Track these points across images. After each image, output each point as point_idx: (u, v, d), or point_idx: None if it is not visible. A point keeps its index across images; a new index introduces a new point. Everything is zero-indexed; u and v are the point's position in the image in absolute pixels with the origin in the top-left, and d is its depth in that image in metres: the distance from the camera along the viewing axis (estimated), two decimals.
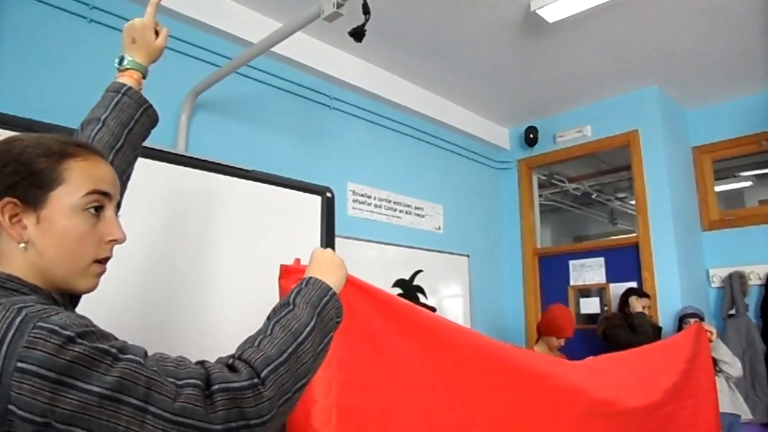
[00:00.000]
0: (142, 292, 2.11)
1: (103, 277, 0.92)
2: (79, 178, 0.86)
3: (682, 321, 3.54)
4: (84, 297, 0.96)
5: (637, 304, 3.57)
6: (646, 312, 3.56)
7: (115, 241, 0.91)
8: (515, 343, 3.65)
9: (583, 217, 6.80)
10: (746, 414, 3.29)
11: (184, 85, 2.75)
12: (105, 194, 0.89)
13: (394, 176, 3.97)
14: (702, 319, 3.47)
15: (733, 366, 3.17)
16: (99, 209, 0.88)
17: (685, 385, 2.23)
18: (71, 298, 0.93)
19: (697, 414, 2.26)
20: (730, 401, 3.20)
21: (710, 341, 2.60)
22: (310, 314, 0.92)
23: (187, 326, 2.15)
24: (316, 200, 2.86)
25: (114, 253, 0.94)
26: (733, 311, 4.03)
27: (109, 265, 0.93)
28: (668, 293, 3.92)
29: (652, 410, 1.96)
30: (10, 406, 0.63)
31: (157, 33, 1.31)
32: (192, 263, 2.25)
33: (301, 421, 1.03)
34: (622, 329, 3.49)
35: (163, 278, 2.15)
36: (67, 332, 0.66)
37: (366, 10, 2.08)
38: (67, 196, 0.84)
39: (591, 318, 4.32)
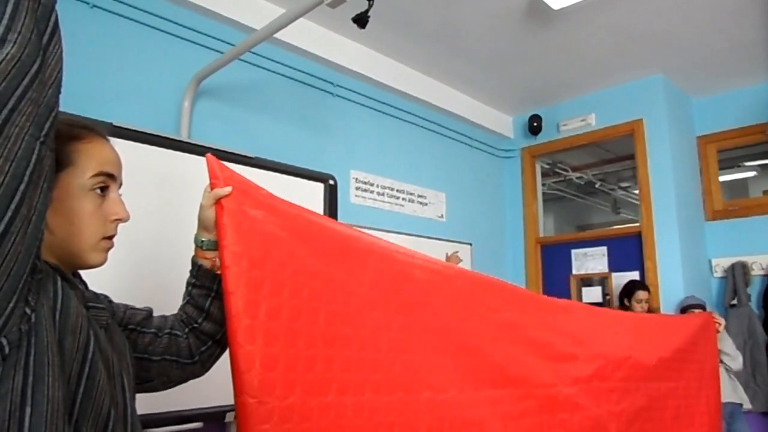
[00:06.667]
0: (145, 276, 2.12)
1: (108, 264, 0.94)
2: (85, 160, 0.89)
3: (684, 312, 3.54)
4: (94, 278, 0.98)
5: (636, 306, 3.54)
6: (645, 307, 3.53)
7: (120, 220, 0.94)
8: None
9: (586, 206, 6.79)
10: (746, 403, 3.32)
11: (186, 72, 2.74)
12: (110, 175, 0.92)
13: (397, 164, 3.96)
14: (704, 310, 3.47)
15: (735, 360, 3.18)
16: (104, 190, 0.91)
17: (686, 367, 2.24)
18: (74, 275, 0.94)
19: (700, 397, 2.27)
20: (732, 390, 3.22)
21: (717, 332, 2.61)
22: None
23: None
24: (319, 188, 2.86)
25: (120, 239, 0.96)
26: (735, 301, 4.04)
27: (113, 251, 0.95)
28: (671, 283, 3.92)
29: (645, 376, 1.97)
30: None
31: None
32: (193, 248, 2.25)
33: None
34: None
35: (166, 261, 2.16)
36: None
37: None
38: (75, 177, 0.87)
39: None
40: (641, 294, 3.54)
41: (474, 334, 1.45)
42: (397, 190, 3.92)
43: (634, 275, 4.06)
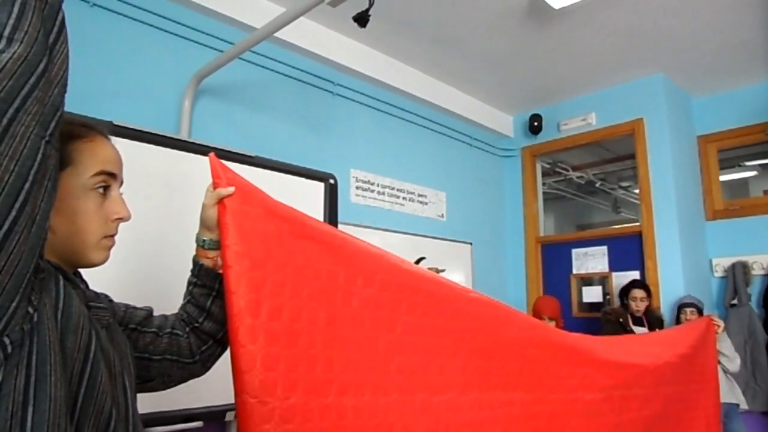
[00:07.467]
0: (146, 275, 2.12)
1: (110, 263, 0.94)
2: (86, 159, 0.88)
3: (679, 310, 3.56)
4: (96, 277, 0.98)
5: (632, 304, 3.58)
6: (640, 305, 3.55)
7: (121, 219, 0.93)
8: None
9: (586, 205, 6.79)
10: (743, 404, 3.33)
11: (186, 71, 2.74)
12: (111, 174, 0.92)
13: (398, 163, 3.96)
14: (700, 309, 3.48)
15: (732, 361, 3.19)
16: (105, 189, 0.91)
17: (690, 369, 2.26)
18: (75, 274, 0.94)
19: (699, 400, 2.28)
20: (729, 391, 3.22)
21: (716, 333, 2.63)
22: None
23: None
24: (319, 187, 2.85)
25: (121, 238, 0.96)
26: (735, 301, 4.03)
27: (114, 250, 0.95)
28: (671, 282, 3.92)
29: (650, 382, 1.97)
30: None
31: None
32: (194, 247, 2.25)
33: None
34: (610, 325, 3.51)
35: (167, 261, 2.16)
36: None
37: None
38: (76, 176, 0.87)
39: (593, 306, 4.33)
40: (635, 292, 3.58)
41: (493, 336, 1.44)
42: (398, 190, 3.92)
43: (635, 275, 4.06)
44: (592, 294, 4.41)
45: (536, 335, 1.58)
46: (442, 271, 3.32)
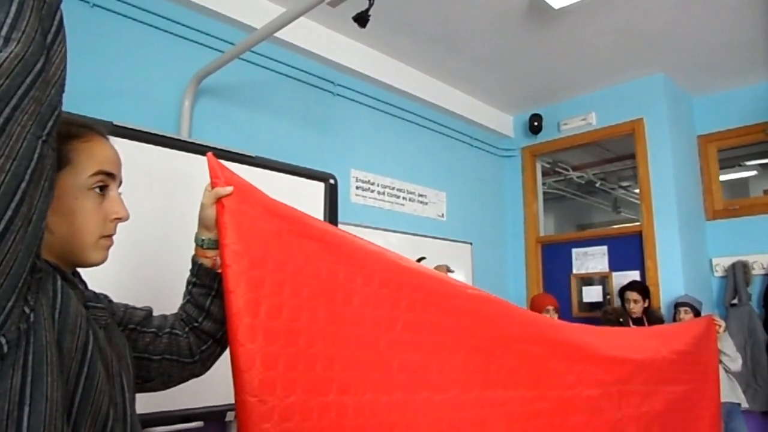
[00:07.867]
0: (146, 275, 2.12)
1: (109, 263, 0.94)
2: (84, 159, 0.88)
3: (675, 309, 3.58)
4: (95, 277, 0.98)
5: (627, 305, 3.64)
6: (634, 307, 3.58)
7: (119, 219, 0.93)
8: None
9: (586, 205, 6.80)
10: (744, 403, 3.33)
11: (187, 71, 2.74)
12: (109, 174, 0.91)
13: (398, 163, 3.96)
14: (695, 308, 3.48)
15: (734, 361, 3.19)
16: (104, 189, 0.91)
17: (693, 369, 2.26)
18: (73, 274, 0.94)
19: (701, 400, 2.28)
20: (730, 390, 3.23)
21: (717, 332, 2.63)
22: None
23: None
24: (320, 187, 2.85)
25: (120, 238, 0.95)
26: (735, 301, 4.03)
27: (113, 250, 0.95)
28: (671, 282, 3.92)
29: (648, 378, 1.97)
30: None
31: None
32: (193, 247, 2.25)
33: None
34: (610, 325, 3.52)
35: (166, 261, 2.16)
36: None
37: None
38: (74, 176, 0.87)
39: (593, 306, 4.33)
40: (628, 294, 3.64)
41: (492, 333, 1.44)
42: (398, 190, 3.92)
43: (635, 275, 4.06)
44: (593, 294, 4.40)
45: (535, 331, 1.58)
46: (452, 272, 3.31)
